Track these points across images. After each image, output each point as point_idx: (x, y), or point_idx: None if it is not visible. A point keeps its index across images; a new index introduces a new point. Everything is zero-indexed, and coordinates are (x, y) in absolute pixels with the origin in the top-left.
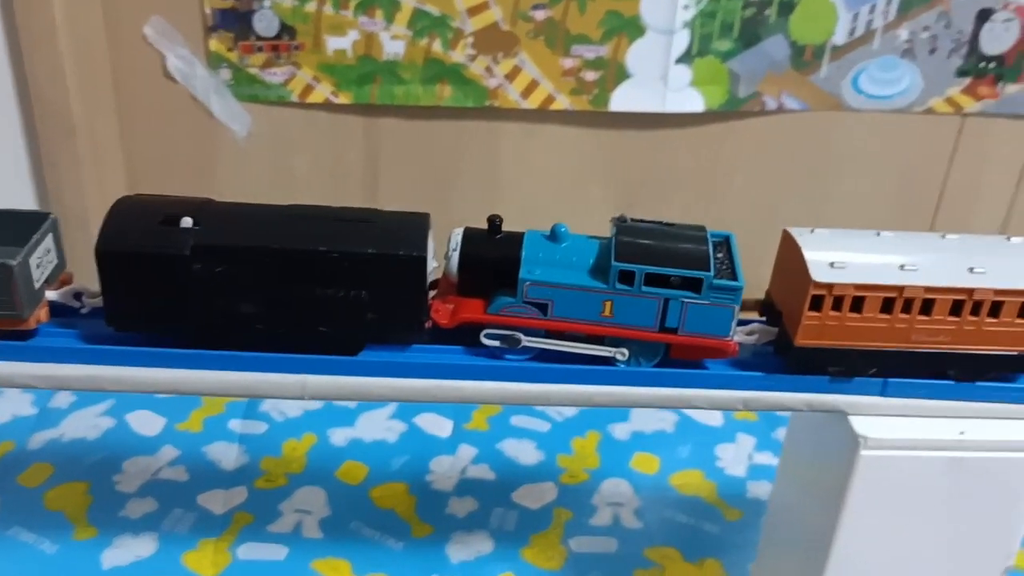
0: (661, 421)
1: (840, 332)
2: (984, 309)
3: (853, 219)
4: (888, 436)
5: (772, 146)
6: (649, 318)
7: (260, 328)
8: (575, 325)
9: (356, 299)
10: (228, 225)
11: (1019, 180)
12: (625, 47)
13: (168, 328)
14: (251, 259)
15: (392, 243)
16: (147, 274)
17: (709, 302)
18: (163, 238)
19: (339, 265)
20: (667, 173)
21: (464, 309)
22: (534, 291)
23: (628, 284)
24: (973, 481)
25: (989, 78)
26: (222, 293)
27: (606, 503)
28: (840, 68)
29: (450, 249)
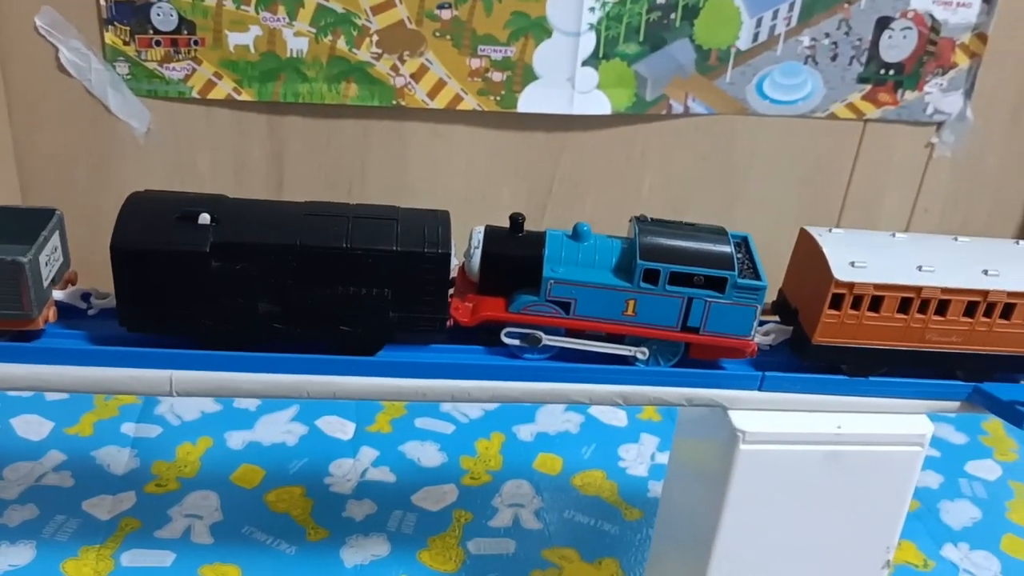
0: (566, 422)
1: (857, 331)
2: (996, 311)
3: (762, 221)
4: (766, 430)
5: (680, 149)
6: (672, 317)
7: (279, 327)
8: (597, 324)
9: (379, 297)
10: (247, 222)
11: (920, 184)
12: (532, 48)
13: (185, 328)
14: (272, 257)
15: (417, 240)
16: (164, 272)
17: (732, 301)
18: (181, 235)
19: (363, 263)
20: (578, 175)
21: (485, 307)
22: (558, 290)
23: (652, 283)
24: (851, 474)
25: (889, 85)
26: (241, 292)
27: (507, 504)
28: (745, 73)
29: (472, 247)
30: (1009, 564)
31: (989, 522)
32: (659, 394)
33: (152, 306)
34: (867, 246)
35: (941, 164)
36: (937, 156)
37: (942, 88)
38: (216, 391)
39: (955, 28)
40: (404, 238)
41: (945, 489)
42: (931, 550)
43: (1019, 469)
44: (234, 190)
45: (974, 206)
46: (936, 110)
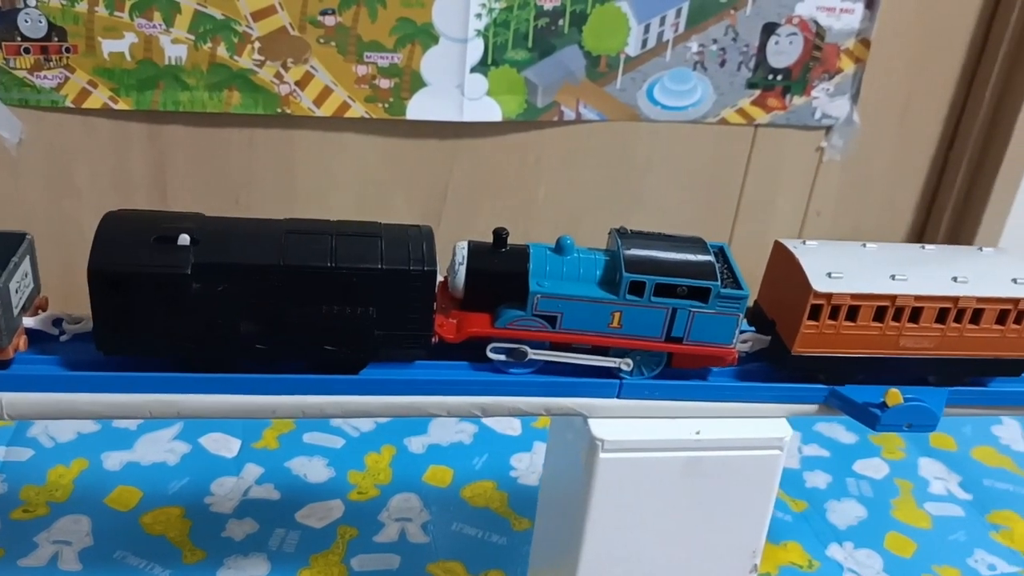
0: (459, 433)
1: (835, 340)
2: (967, 316)
3: (659, 226)
4: (626, 438)
5: (573, 156)
6: (656, 328)
7: (261, 348)
8: (583, 337)
9: (364, 316)
10: (228, 242)
11: (812, 187)
12: (419, 55)
13: (165, 350)
14: (255, 277)
15: (402, 258)
16: (144, 295)
17: (715, 311)
18: (161, 256)
19: (348, 282)
20: (472, 183)
21: (470, 323)
22: (544, 304)
23: (638, 295)
24: (712, 480)
25: (777, 90)
26: (223, 312)
27: (394, 519)
28: (635, 79)
29: (456, 263)
30: (891, 561)
31: (874, 521)
32: (517, 404)
33: (131, 329)
34: (840, 257)
35: (831, 168)
36: (827, 160)
37: (829, 93)
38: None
39: (839, 34)
40: (389, 256)
41: (833, 489)
42: (816, 550)
43: (906, 467)
44: (115, 202)
45: (865, 209)
46: (824, 115)
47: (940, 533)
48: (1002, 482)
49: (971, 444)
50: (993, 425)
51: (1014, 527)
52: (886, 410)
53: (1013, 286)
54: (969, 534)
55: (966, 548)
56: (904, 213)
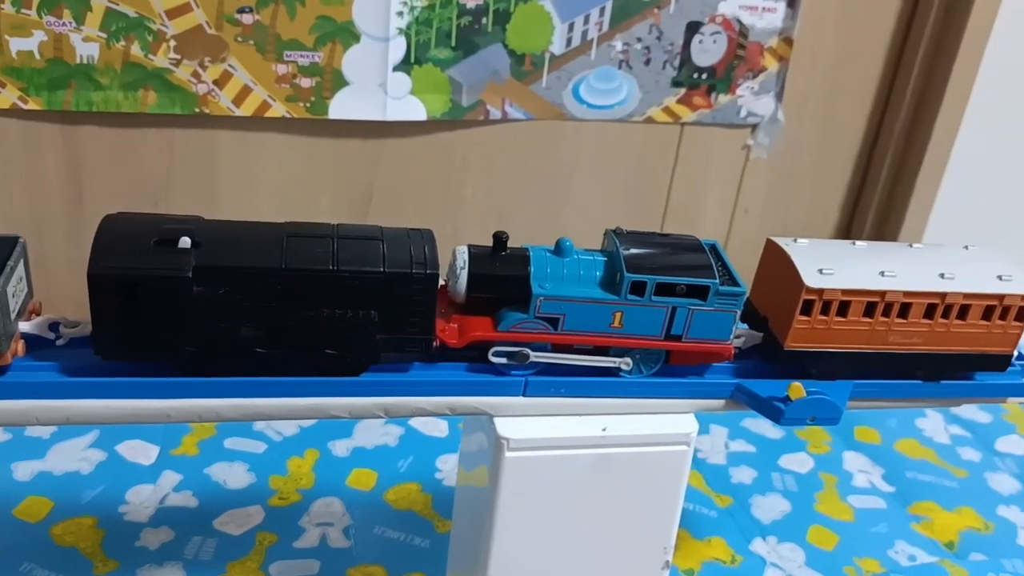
0: (385, 436)
1: (827, 336)
2: (954, 312)
3: (588, 225)
4: (531, 436)
5: (501, 155)
6: (656, 327)
7: (262, 352)
8: (585, 337)
9: (366, 319)
10: (228, 245)
11: (739, 185)
12: (340, 54)
13: (165, 354)
14: (257, 280)
15: (404, 261)
16: (145, 298)
17: (714, 308)
18: (162, 260)
19: (350, 285)
20: (398, 183)
21: (472, 327)
22: (547, 306)
23: (639, 294)
24: (620, 477)
25: (702, 88)
26: (224, 316)
27: (315, 524)
28: (560, 78)
29: (457, 268)
30: (814, 554)
31: (798, 514)
32: (421, 404)
33: (131, 333)
34: (830, 255)
35: (758, 165)
36: (753, 158)
37: (754, 91)
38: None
39: (762, 32)
40: (391, 259)
41: (758, 484)
42: (740, 545)
43: (831, 461)
44: (29, 205)
45: (792, 206)
46: (749, 113)
47: (862, 525)
48: (924, 474)
49: (895, 437)
50: (917, 418)
51: (935, 518)
52: (789, 404)
53: (998, 282)
54: (891, 526)
55: (887, 540)
56: (831, 210)
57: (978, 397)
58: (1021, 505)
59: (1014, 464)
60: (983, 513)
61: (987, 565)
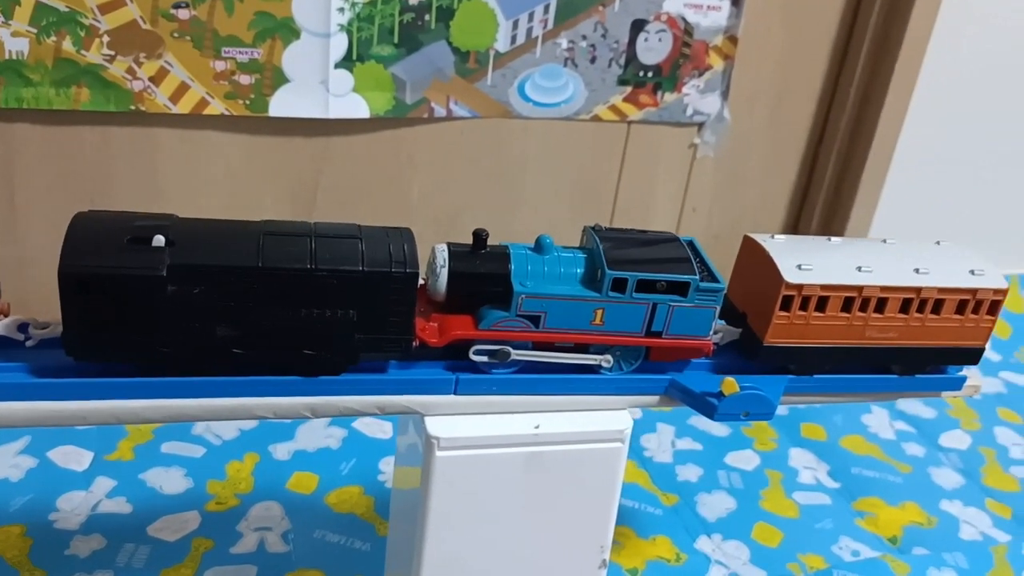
0: (328, 437)
1: (805, 331)
2: (928, 306)
3: (537, 224)
4: (463, 435)
5: (447, 153)
6: (637, 323)
7: (238, 352)
8: (566, 335)
9: (344, 319)
10: (204, 243)
11: (687, 184)
12: (280, 50)
13: (139, 354)
14: (233, 279)
15: (383, 260)
16: (118, 297)
17: (693, 304)
18: (136, 258)
19: (328, 284)
20: (344, 181)
21: (453, 326)
22: (529, 304)
23: (620, 292)
24: (554, 475)
25: (648, 87)
26: (199, 316)
27: (253, 529)
28: (506, 76)
29: (437, 266)
30: (758, 552)
31: (743, 512)
32: (349, 404)
33: (103, 333)
34: (807, 251)
35: (705, 164)
36: (700, 156)
37: (699, 89)
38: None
39: (707, 31)
40: (370, 258)
41: (704, 482)
42: (685, 543)
43: (777, 458)
44: None
45: (740, 204)
46: (696, 111)
47: (807, 522)
48: (869, 469)
49: (841, 433)
50: (863, 414)
51: (879, 513)
52: (723, 399)
53: (971, 277)
54: (835, 522)
55: (832, 536)
56: (778, 207)
57: (917, 392)
58: (964, 499)
59: (957, 459)
60: (926, 508)
61: (929, 559)
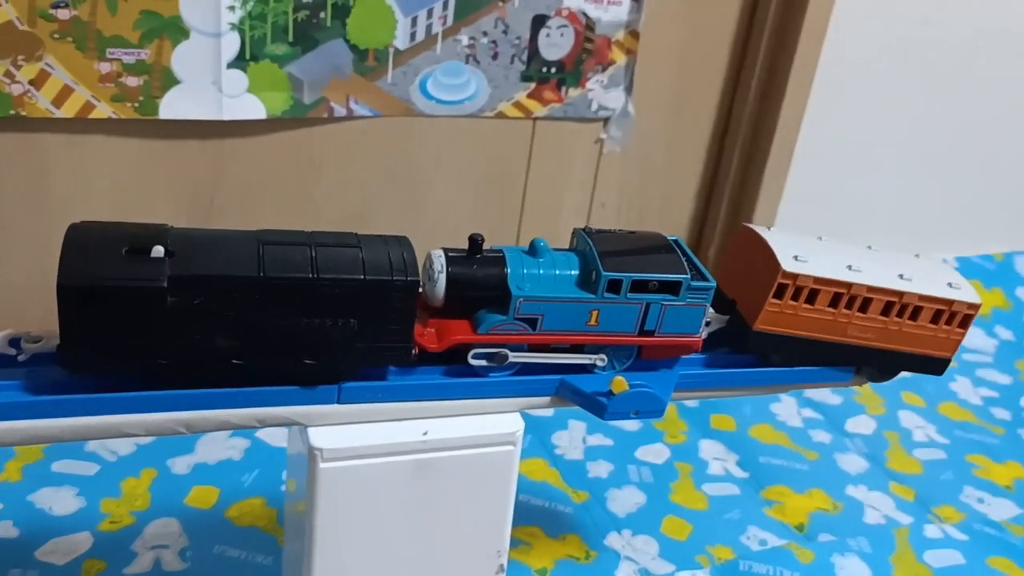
0: (230, 449)
1: (793, 321)
2: (908, 312)
3: (446, 224)
4: (347, 445)
5: (349, 154)
6: (630, 323)
7: (238, 363)
8: (563, 337)
9: (345, 328)
10: (203, 254)
11: (595, 179)
12: (169, 50)
13: (138, 367)
14: (234, 290)
15: (384, 268)
16: (118, 310)
17: (685, 303)
18: (135, 269)
19: (329, 293)
20: (243, 185)
21: (452, 331)
22: (526, 307)
23: (615, 292)
24: (445, 481)
25: (552, 83)
26: (198, 327)
27: (148, 547)
28: (406, 73)
29: (435, 271)
30: (667, 545)
31: (652, 506)
32: (227, 417)
33: (102, 346)
34: (802, 245)
35: (612, 159)
36: (607, 151)
37: (603, 85)
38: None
39: (609, 26)
40: (370, 266)
41: (614, 477)
42: (595, 541)
43: (686, 450)
44: None
45: (647, 199)
46: (600, 106)
47: (716, 513)
48: (777, 458)
49: (750, 423)
50: (771, 403)
51: (787, 501)
52: (612, 398)
53: (948, 289)
54: (744, 512)
55: (740, 526)
56: (685, 200)
57: (806, 384)
58: (868, 484)
59: (862, 443)
60: (832, 494)
61: (834, 545)
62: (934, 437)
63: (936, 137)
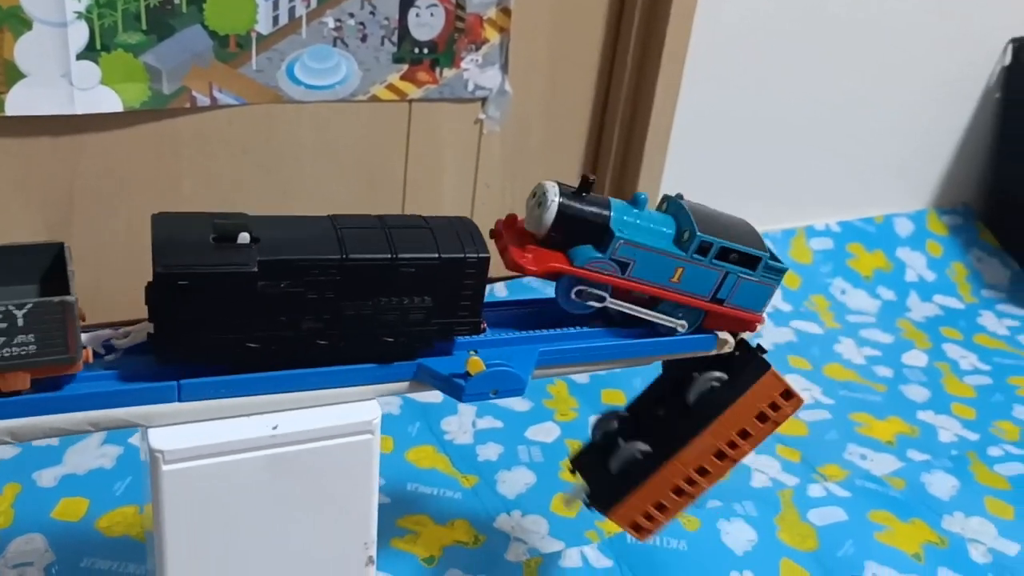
0: (101, 457)
1: None
2: None
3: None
4: (191, 445)
5: (216, 144)
6: (707, 288)
7: (323, 343)
8: (646, 287)
9: (421, 306)
10: (287, 239)
11: (477, 160)
12: (11, 43)
13: (228, 353)
14: (318, 272)
15: (457, 246)
16: (213, 296)
17: (759, 280)
18: (227, 256)
19: (407, 272)
20: (104, 182)
21: (548, 258)
22: (624, 250)
23: (703, 255)
24: (302, 476)
25: (425, 64)
26: (286, 310)
27: (11, 566)
28: (272, 59)
29: (548, 200)
30: (557, 523)
31: (542, 485)
32: (57, 423)
33: (193, 333)
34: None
35: (492, 139)
36: (487, 132)
37: (478, 64)
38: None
39: (479, 4)
40: (444, 245)
41: (504, 459)
42: (484, 524)
43: (577, 427)
44: None
45: (532, 178)
46: (477, 86)
47: None
48: None
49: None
50: None
51: None
52: (469, 379)
53: None
54: None
55: None
56: (569, 177)
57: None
58: (755, 448)
59: None
60: None
61: (720, 511)
62: (819, 398)
63: (815, 106)
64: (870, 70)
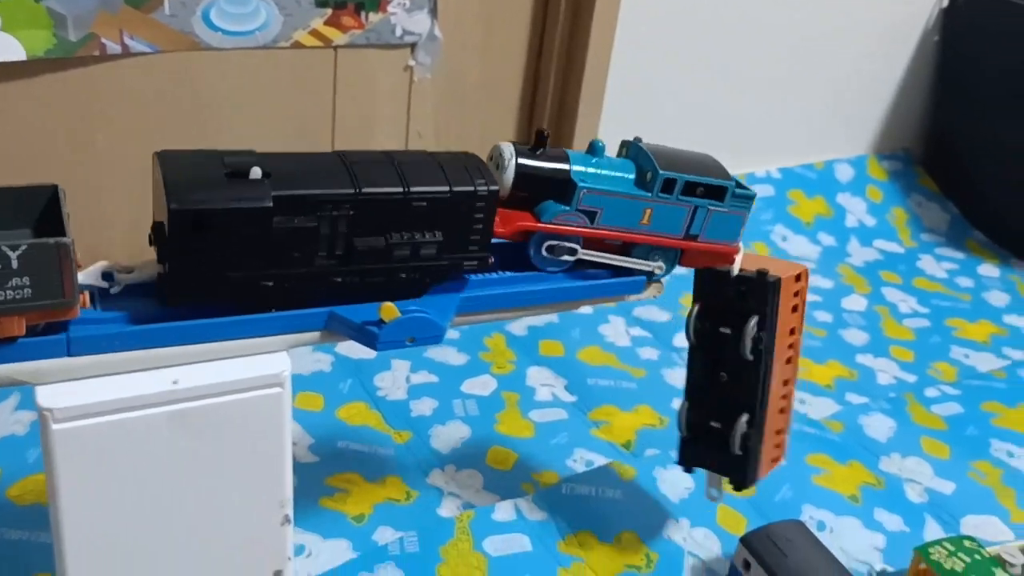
0: (15, 424)
1: None
2: None
3: None
4: (83, 402)
5: (130, 95)
6: (678, 226)
7: (337, 280)
8: (617, 233)
9: (431, 240)
10: (299, 174)
11: (408, 108)
12: None
13: (241, 291)
14: (331, 207)
15: (466, 179)
16: (228, 233)
17: (728, 210)
18: (241, 191)
19: (418, 206)
20: (6, 138)
21: (515, 219)
22: (588, 199)
23: (668, 193)
24: (207, 433)
25: (350, 8)
26: (300, 246)
27: None
28: (186, 4)
29: (505, 161)
30: (492, 476)
31: (477, 439)
32: None
33: (210, 272)
34: None
35: (424, 86)
36: (418, 79)
37: (406, 8)
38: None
39: None
40: (453, 178)
41: (438, 414)
42: (417, 480)
43: (514, 379)
44: None
45: (466, 124)
46: (405, 31)
47: (542, 439)
48: (604, 379)
49: (578, 346)
50: (600, 325)
51: (613, 420)
52: (383, 327)
53: None
54: (571, 435)
55: (567, 449)
56: (505, 124)
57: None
58: None
59: None
60: (659, 409)
61: (657, 459)
62: None
63: (755, 52)
64: (809, 15)
